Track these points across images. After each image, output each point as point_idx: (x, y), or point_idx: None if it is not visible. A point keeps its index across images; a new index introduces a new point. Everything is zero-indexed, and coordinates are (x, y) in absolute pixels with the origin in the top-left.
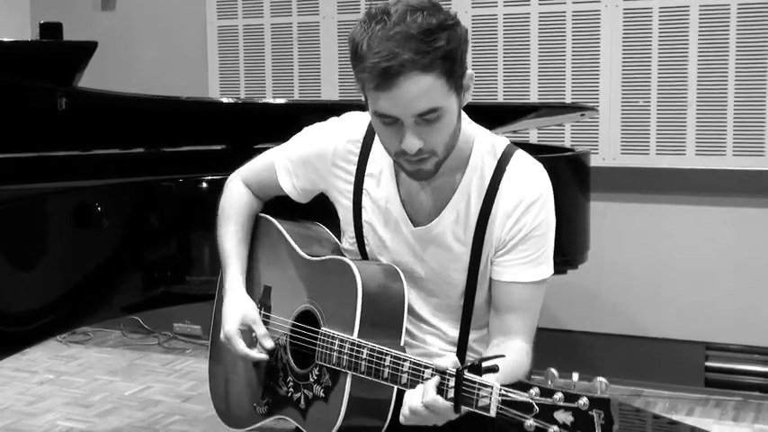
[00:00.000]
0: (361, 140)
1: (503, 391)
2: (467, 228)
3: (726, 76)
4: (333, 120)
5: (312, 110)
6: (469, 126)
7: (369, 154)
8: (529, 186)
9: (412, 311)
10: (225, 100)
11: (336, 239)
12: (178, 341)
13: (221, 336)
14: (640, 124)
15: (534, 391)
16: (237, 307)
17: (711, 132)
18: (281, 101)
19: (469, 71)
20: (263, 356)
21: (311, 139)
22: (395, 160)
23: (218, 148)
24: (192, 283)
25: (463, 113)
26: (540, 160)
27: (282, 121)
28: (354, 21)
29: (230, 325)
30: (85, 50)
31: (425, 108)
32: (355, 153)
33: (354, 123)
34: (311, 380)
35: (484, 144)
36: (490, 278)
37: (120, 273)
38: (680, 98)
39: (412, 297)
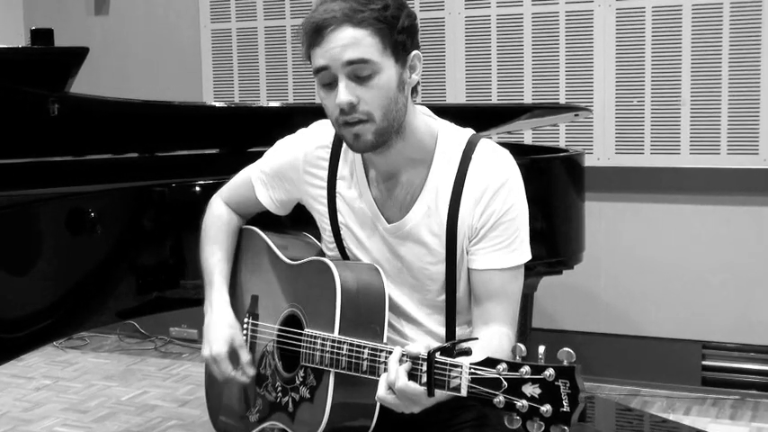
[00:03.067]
0: (330, 145)
1: (472, 369)
2: (439, 220)
3: (719, 75)
4: (301, 130)
5: (306, 113)
6: (435, 121)
7: (338, 157)
8: (494, 172)
9: (397, 310)
10: (218, 104)
11: (320, 244)
12: (175, 345)
13: (207, 354)
14: (634, 124)
15: (502, 366)
16: (225, 329)
17: (705, 131)
18: (276, 104)
19: (417, 51)
20: (246, 380)
21: (282, 150)
22: (338, 132)
23: (213, 152)
24: (187, 287)
25: (426, 109)
26: (534, 161)
27: (277, 125)
28: None
29: (219, 347)
30: (77, 56)
31: (355, 56)
32: (325, 158)
33: (322, 129)
34: (297, 382)
35: (449, 136)
36: (468, 268)
37: (114, 278)
38: (674, 97)
39: (395, 295)
